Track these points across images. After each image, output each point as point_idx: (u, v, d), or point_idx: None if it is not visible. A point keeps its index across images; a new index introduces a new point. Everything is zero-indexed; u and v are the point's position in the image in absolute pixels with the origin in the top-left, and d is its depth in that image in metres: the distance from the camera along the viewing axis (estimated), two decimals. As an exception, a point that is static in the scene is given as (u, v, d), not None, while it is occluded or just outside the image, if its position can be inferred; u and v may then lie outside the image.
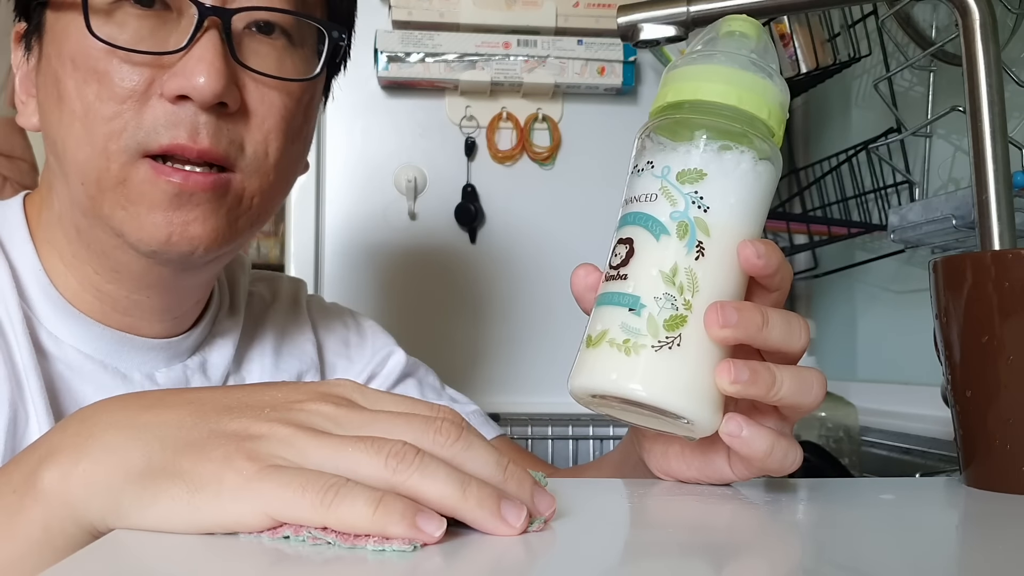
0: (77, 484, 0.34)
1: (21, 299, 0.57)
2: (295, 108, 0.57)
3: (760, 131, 0.41)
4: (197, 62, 0.51)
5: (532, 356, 1.23)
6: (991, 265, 0.47)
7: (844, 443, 0.99)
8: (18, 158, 1.25)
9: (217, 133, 0.52)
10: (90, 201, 0.54)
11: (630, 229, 0.41)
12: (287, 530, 0.32)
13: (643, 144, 0.43)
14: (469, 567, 0.31)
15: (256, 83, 0.55)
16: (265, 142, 0.55)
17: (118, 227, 0.53)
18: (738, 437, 0.41)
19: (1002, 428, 0.45)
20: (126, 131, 0.52)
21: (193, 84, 0.50)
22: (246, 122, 0.54)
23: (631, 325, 0.39)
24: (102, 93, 0.52)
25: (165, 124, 0.51)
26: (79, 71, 0.52)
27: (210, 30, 0.52)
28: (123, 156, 0.52)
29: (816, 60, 1.04)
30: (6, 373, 0.54)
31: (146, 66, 0.52)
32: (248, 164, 0.55)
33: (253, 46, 0.55)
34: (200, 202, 0.53)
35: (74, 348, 0.58)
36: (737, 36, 0.43)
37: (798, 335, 0.42)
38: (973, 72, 0.52)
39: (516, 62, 1.18)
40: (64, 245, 0.58)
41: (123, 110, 0.52)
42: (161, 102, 0.52)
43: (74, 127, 0.52)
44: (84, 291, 0.58)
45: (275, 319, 0.72)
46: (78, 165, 0.53)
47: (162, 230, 0.53)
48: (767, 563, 0.33)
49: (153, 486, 0.33)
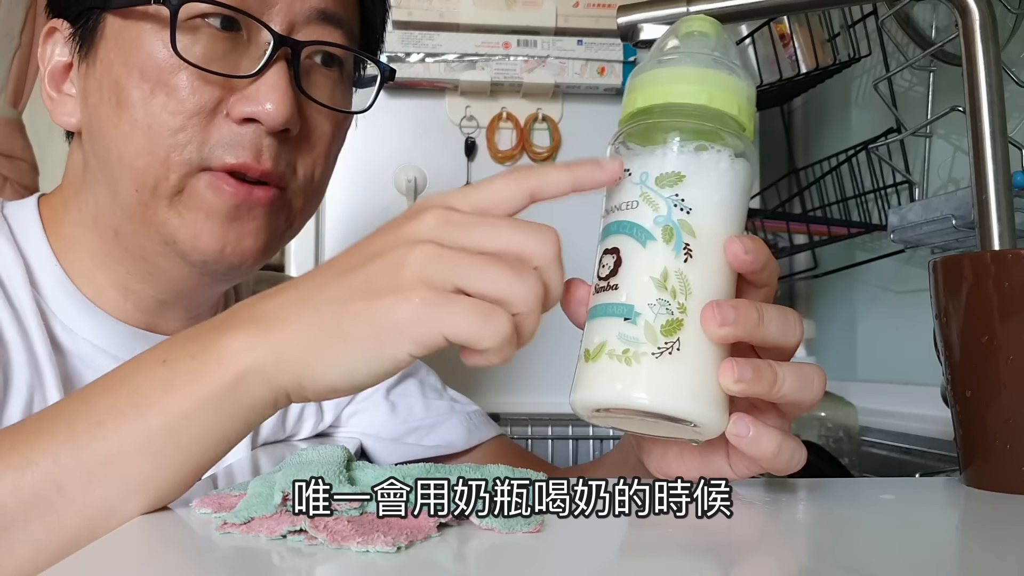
0: (266, 352, 0.37)
1: (35, 292, 0.57)
2: (339, 135, 0.61)
3: (732, 128, 0.41)
4: (270, 89, 0.53)
5: (532, 356, 1.23)
6: (991, 265, 0.47)
7: (844, 443, 0.99)
8: (18, 158, 1.25)
9: (278, 156, 0.55)
10: (142, 208, 0.55)
11: (615, 239, 0.41)
12: (285, 527, 0.32)
13: (617, 152, 0.43)
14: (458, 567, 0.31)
15: (312, 111, 0.58)
16: (314, 166, 0.59)
17: (171, 234, 0.55)
18: (745, 438, 0.41)
19: (1002, 428, 0.45)
20: (190, 144, 0.53)
21: (263, 109, 0.53)
22: (300, 147, 0.57)
23: (628, 334, 0.39)
24: (170, 105, 0.53)
25: (230, 143, 0.54)
26: (147, 82, 0.53)
27: (280, 59, 0.54)
28: (183, 168, 0.54)
29: (816, 60, 1.04)
30: (26, 359, 0.55)
31: (217, 85, 0.54)
32: (299, 185, 0.58)
33: (314, 77, 0.58)
34: (257, 216, 0.55)
35: (88, 342, 0.59)
36: (697, 36, 0.43)
37: (793, 329, 0.42)
38: (973, 72, 0.52)
39: (516, 62, 1.18)
40: (96, 245, 0.59)
41: (190, 124, 0.53)
42: (227, 122, 0.54)
43: (135, 135, 0.54)
44: (111, 288, 0.60)
45: None
46: (135, 172, 0.54)
47: (218, 240, 0.55)
48: (767, 563, 0.33)
49: (338, 335, 0.37)
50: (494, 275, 0.37)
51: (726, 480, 0.36)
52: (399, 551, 0.31)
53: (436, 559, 0.31)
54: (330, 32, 0.57)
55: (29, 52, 1.24)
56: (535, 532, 0.34)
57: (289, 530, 0.32)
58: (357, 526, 0.32)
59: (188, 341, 0.39)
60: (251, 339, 0.38)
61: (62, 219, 0.60)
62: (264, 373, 0.37)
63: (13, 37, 1.22)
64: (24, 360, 0.55)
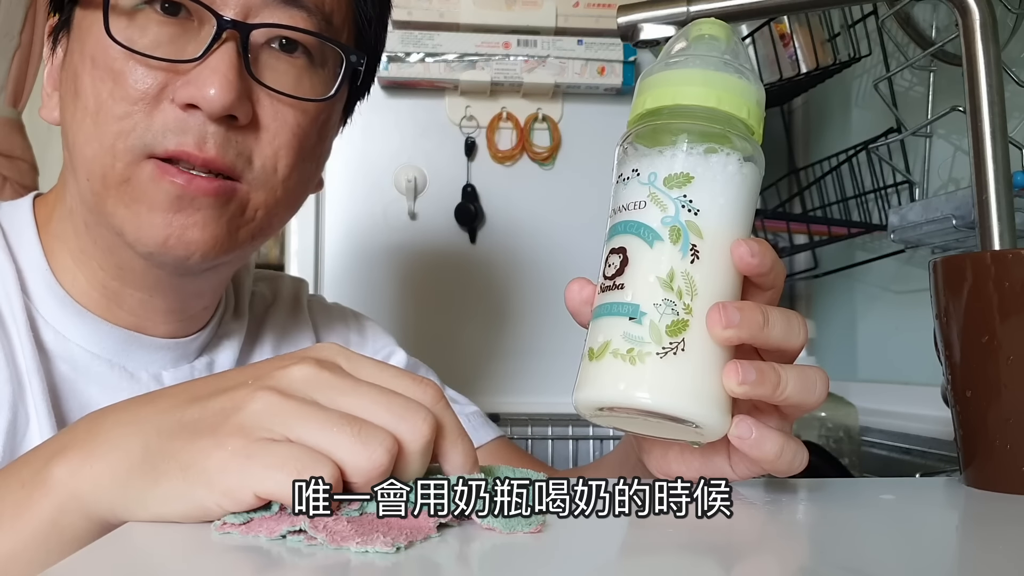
0: (86, 479, 0.35)
1: (26, 297, 0.57)
2: (309, 127, 0.57)
3: (740, 131, 0.41)
4: (210, 73, 0.51)
5: (532, 356, 1.23)
6: (991, 265, 0.47)
7: (844, 443, 0.99)
8: (18, 158, 1.25)
9: (224, 144, 0.53)
10: (95, 197, 0.54)
11: (622, 238, 0.41)
12: (284, 528, 0.32)
13: (625, 152, 0.43)
14: (457, 567, 0.31)
15: (271, 99, 0.55)
16: (275, 157, 0.55)
17: (119, 225, 0.54)
18: (748, 440, 0.41)
19: (1002, 428, 0.45)
20: (134, 131, 0.52)
21: (203, 94, 0.51)
22: (256, 136, 0.55)
23: (633, 334, 0.39)
24: (115, 92, 0.52)
25: (174, 129, 0.52)
26: (97, 69, 0.53)
27: (227, 42, 0.52)
28: (128, 155, 0.52)
29: (816, 60, 1.04)
30: (8, 375, 0.54)
31: (161, 71, 0.52)
32: (256, 177, 0.55)
33: (271, 62, 0.55)
34: (201, 207, 0.53)
35: (80, 347, 0.58)
36: (707, 39, 0.43)
37: (797, 331, 0.42)
38: (973, 72, 0.52)
39: (516, 62, 1.18)
40: (73, 240, 0.58)
41: (134, 111, 0.52)
42: (172, 107, 0.52)
43: (85, 123, 0.53)
44: (92, 288, 0.59)
45: (276, 319, 0.73)
46: (85, 160, 0.53)
47: (160, 231, 0.53)
48: (767, 563, 0.33)
49: (153, 472, 0.34)
50: (332, 435, 0.34)
51: (726, 480, 0.36)
52: (398, 551, 0.31)
53: (436, 559, 0.31)
54: (292, 15, 0.54)
55: (29, 52, 1.24)
56: (536, 532, 0.34)
57: (289, 530, 0.32)
58: (357, 526, 0.32)
59: (25, 464, 0.38)
60: (75, 466, 0.36)
61: (51, 216, 0.60)
62: (81, 501, 0.35)
63: (13, 37, 1.22)
64: (6, 377, 0.54)
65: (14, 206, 0.61)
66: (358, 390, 0.36)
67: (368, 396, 0.36)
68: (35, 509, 0.36)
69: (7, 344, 0.55)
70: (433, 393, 0.38)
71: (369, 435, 0.34)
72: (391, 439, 0.34)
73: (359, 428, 0.34)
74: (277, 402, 0.35)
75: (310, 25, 0.55)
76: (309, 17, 0.55)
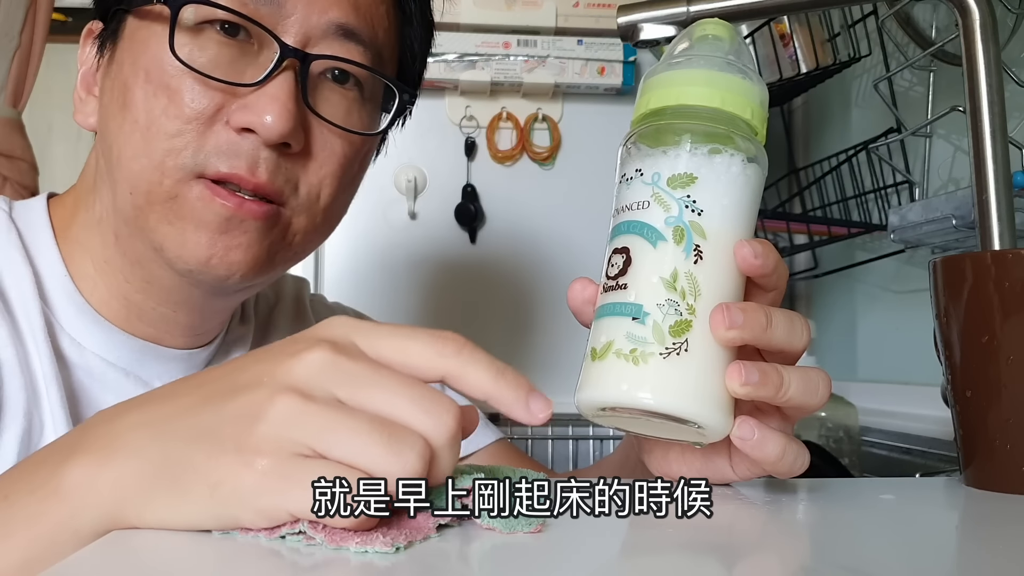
0: (105, 486, 0.34)
1: (44, 304, 0.56)
2: (354, 157, 0.58)
3: (744, 131, 0.41)
4: (269, 100, 0.52)
5: (532, 356, 1.23)
6: (991, 265, 0.47)
7: (844, 443, 0.99)
8: (18, 158, 1.25)
9: (275, 170, 0.53)
10: (136, 211, 0.54)
11: (625, 238, 0.41)
12: (284, 529, 0.32)
13: (629, 152, 0.43)
14: (457, 567, 0.31)
15: (321, 128, 0.56)
16: (320, 185, 0.56)
17: (159, 241, 0.54)
18: (750, 441, 0.41)
19: (1002, 428, 0.45)
20: (186, 150, 0.52)
21: (261, 120, 0.51)
22: (304, 163, 0.55)
23: (636, 334, 0.39)
24: (169, 109, 0.52)
25: (227, 152, 0.52)
26: (151, 83, 0.53)
27: (287, 70, 0.53)
28: (178, 174, 0.52)
29: (816, 60, 1.04)
30: (22, 382, 0.53)
31: (218, 92, 0.52)
32: (300, 203, 0.56)
33: (325, 93, 0.56)
34: (248, 230, 0.53)
35: (96, 355, 0.58)
36: (711, 39, 0.43)
37: (799, 333, 0.42)
38: (973, 72, 0.52)
39: (516, 62, 1.18)
40: (99, 249, 0.58)
41: (187, 129, 0.52)
42: (226, 129, 0.52)
43: (134, 137, 0.53)
44: (113, 299, 0.58)
45: (281, 321, 0.73)
46: (131, 174, 0.53)
47: (204, 250, 0.53)
48: (767, 563, 0.33)
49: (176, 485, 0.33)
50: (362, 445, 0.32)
51: (706, 480, 0.35)
52: (398, 551, 0.31)
53: (435, 559, 0.31)
54: (349, 49, 0.55)
55: (29, 52, 1.24)
56: (536, 532, 0.34)
57: (288, 531, 0.32)
58: (357, 526, 0.32)
59: (32, 472, 0.37)
60: (91, 472, 0.34)
61: (71, 221, 0.59)
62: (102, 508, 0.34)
63: (13, 37, 1.22)
64: (20, 384, 0.53)
65: (27, 207, 0.61)
66: (380, 381, 0.34)
67: (390, 388, 0.34)
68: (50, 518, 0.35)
69: (22, 350, 0.54)
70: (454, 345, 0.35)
71: (400, 442, 0.32)
72: (421, 442, 0.33)
73: (389, 435, 0.32)
74: (299, 408, 0.33)
75: (365, 59, 0.56)
76: (365, 51, 0.56)
